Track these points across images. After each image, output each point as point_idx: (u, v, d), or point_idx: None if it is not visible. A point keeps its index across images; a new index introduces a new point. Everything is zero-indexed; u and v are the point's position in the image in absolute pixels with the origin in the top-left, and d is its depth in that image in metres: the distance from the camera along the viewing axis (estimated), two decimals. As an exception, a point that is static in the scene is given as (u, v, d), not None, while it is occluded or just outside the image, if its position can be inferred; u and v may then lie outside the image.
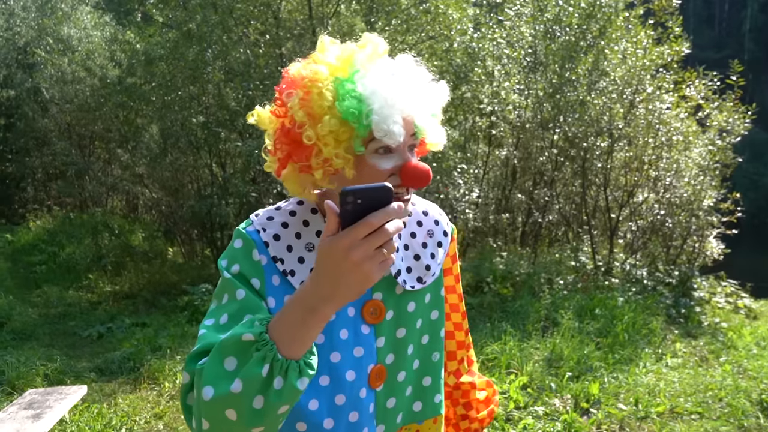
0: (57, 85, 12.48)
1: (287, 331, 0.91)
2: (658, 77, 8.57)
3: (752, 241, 23.77)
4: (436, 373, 1.27)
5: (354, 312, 1.15)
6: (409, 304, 1.21)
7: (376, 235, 0.87)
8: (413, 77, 1.08)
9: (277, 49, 8.95)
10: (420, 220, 1.27)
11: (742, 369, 5.20)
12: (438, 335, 1.27)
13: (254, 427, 0.92)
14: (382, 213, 0.87)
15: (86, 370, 5.26)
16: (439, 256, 1.25)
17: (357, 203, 0.87)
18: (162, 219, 10.90)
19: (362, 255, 0.86)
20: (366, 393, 1.16)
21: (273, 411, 0.91)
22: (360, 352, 1.15)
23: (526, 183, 9.99)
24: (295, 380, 0.90)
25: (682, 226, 8.72)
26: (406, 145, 1.07)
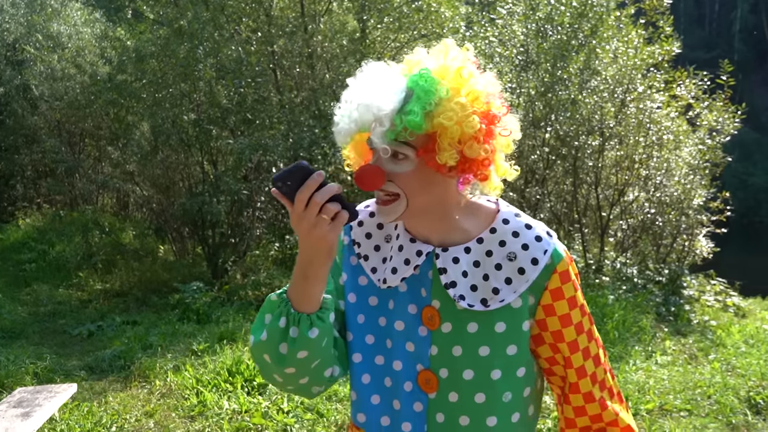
0: (47, 82, 12.38)
1: (296, 291, 1.12)
2: (649, 76, 8.62)
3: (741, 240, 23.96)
4: (506, 415, 1.17)
5: (415, 311, 1.19)
6: (470, 324, 1.15)
7: (310, 206, 1.03)
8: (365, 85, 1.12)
9: (269, 46, 8.93)
10: (504, 240, 1.17)
11: (731, 366, 5.25)
12: (514, 374, 1.16)
13: (284, 367, 1.14)
14: (304, 188, 1.03)
15: (76, 368, 5.23)
16: (517, 283, 1.14)
17: (287, 184, 1.04)
18: (153, 217, 10.84)
19: (307, 225, 1.05)
20: (412, 388, 1.19)
21: (294, 355, 1.12)
22: (411, 348, 1.20)
23: (518, 181, 9.99)
24: (306, 330, 1.11)
25: (672, 225, 8.78)
26: (379, 152, 1.13)
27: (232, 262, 8.58)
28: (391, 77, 1.11)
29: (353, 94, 1.12)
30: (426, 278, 1.18)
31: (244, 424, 4.06)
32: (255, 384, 4.63)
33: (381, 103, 1.08)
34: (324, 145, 8.19)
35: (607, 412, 1.19)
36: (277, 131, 8.28)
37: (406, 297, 1.19)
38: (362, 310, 1.24)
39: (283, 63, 9.35)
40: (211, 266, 8.44)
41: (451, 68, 1.11)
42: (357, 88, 1.12)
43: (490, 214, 1.20)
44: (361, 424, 1.24)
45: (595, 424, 1.20)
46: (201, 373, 4.84)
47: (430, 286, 1.17)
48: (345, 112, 1.13)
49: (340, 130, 1.14)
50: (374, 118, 1.09)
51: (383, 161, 1.12)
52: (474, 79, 1.12)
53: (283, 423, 4.06)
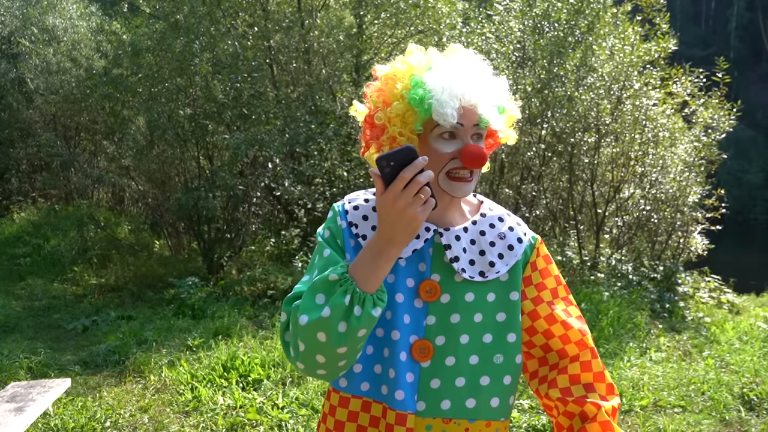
0: (42, 76, 12.33)
1: (362, 270, 1.17)
2: (645, 74, 8.63)
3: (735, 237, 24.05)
4: (498, 376, 1.29)
5: (413, 284, 1.30)
6: (468, 293, 1.29)
7: (411, 185, 1.11)
8: (475, 71, 1.27)
9: (266, 41, 8.90)
10: (493, 223, 1.36)
11: (725, 363, 5.27)
12: (504, 338, 1.30)
13: (339, 347, 1.17)
14: (411, 167, 1.11)
15: (71, 363, 5.22)
16: (508, 257, 1.32)
17: (391, 165, 1.12)
18: (148, 212, 10.82)
19: (404, 203, 1.11)
20: (406, 358, 1.27)
21: (354, 334, 1.16)
22: (407, 320, 1.28)
23: (514, 178, 10.02)
24: (371, 308, 1.16)
25: (667, 222, 8.79)
26: (468, 132, 1.26)
27: (228, 258, 8.57)
28: (486, 67, 1.29)
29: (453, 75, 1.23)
30: (427, 254, 1.31)
31: (239, 420, 4.06)
32: (250, 379, 4.63)
33: (499, 91, 1.28)
34: (320, 141, 8.17)
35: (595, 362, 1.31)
36: (273, 126, 8.26)
37: (405, 271, 1.29)
38: None
39: (279, 58, 9.33)
40: (206, 261, 8.43)
41: None
42: (455, 69, 1.25)
43: (476, 205, 1.41)
44: (364, 392, 1.30)
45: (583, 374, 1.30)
46: (196, 368, 4.84)
47: (430, 261, 1.30)
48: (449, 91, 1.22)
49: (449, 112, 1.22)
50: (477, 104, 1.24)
51: (471, 142, 1.26)
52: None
53: (278, 419, 4.06)
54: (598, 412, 1.23)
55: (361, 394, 1.30)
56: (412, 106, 1.26)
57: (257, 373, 4.67)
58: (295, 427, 3.98)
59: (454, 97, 1.22)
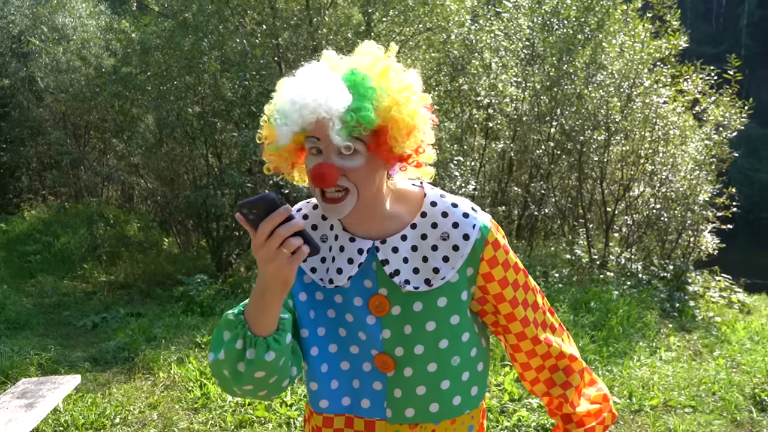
0: (52, 74, 12.38)
1: (251, 314, 1.15)
2: (656, 71, 8.57)
3: (746, 236, 23.88)
4: (457, 376, 1.29)
5: (361, 302, 1.27)
6: (415, 303, 1.24)
7: (272, 239, 1.05)
8: (318, 83, 1.12)
9: (274, 39, 8.89)
10: (435, 221, 1.25)
11: (736, 363, 5.23)
12: (459, 340, 1.27)
13: (243, 385, 1.18)
14: (268, 219, 1.04)
15: (80, 359, 5.25)
16: (454, 259, 1.23)
17: (253, 212, 1.04)
18: (157, 209, 10.85)
19: (265, 256, 1.07)
20: (371, 368, 1.28)
21: (251, 375, 1.16)
22: (363, 337, 1.27)
23: (523, 176, 9.99)
24: (263, 353, 1.14)
25: (677, 221, 8.74)
26: (329, 147, 1.14)
27: (236, 255, 8.58)
28: (330, 77, 1.13)
29: (296, 95, 1.12)
30: (370, 270, 1.26)
31: (248, 417, 4.06)
32: (258, 377, 4.63)
33: (333, 102, 1.10)
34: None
35: (553, 348, 1.33)
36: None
37: (351, 291, 1.27)
38: (312, 306, 1.30)
39: (287, 56, 9.32)
40: (215, 259, 8.44)
41: (378, 66, 1.18)
42: (298, 89, 1.13)
43: (418, 198, 1.29)
44: (323, 409, 1.30)
45: (547, 362, 1.34)
46: (205, 365, 4.85)
47: (375, 276, 1.25)
48: (288, 112, 1.13)
49: (283, 132, 1.15)
50: (325, 117, 1.11)
51: (334, 158, 1.15)
52: (405, 75, 1.19)
53: (286, 416, 4.06)
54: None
55: (320, 411, 1.31)
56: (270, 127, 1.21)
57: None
58: (303, 425, 3.98)
59: (286, 119, 1.13)
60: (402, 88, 1.18)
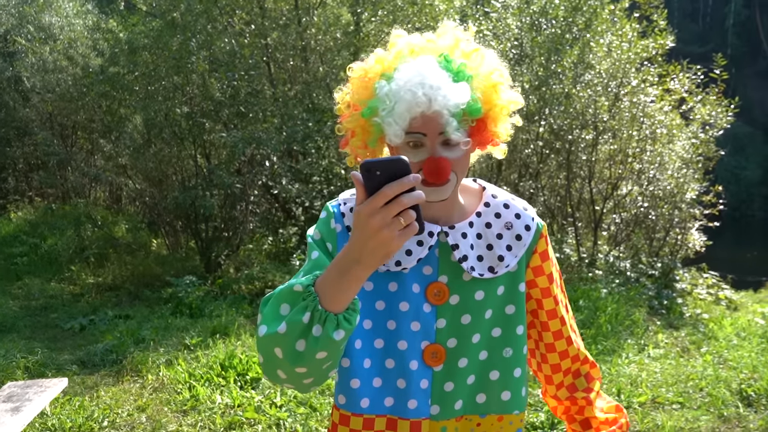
0: (38, 74, 12.28)
1: (327, 287, 1.04)
2: (643, 70, 8.62)
3: (733, 233, 24.09)
4: (508, 369, 1.27)
5: (419, 289, 1.24)
6: (477, 292, 1.24)
7: (393, 204, 0.96)
8: (434, 77, 1.12)
9: (263, 39, 8.88)
10: (499, 212, 1.28)
11: (723, 359, 5.27)
12: (513, 331, 1.26)
13: (296, 366, 1.07)
14: (397, 184, 0.96)
15: (68, 362, 5.21)
16: (516, 248, 1.26)
17: (376, 174, 0.97)
18: (146, 210, 10.79)
19: (379, 222, 0.96)
20: (418, 366, 1.23)
21: (312, 355, 1.05)
22: (416, 327, 1.23)
23: (512, 175, 10.01)
24: (332, 331, 1.04)
25: (665, 219, 8.79)
26: (434, 141, 1.15)
27: (225, 256, 8.55)
28: (435, 69, 1.14)
29: (411, 95, 1.11)
30: (432, 256, 1.24)
31: (237, 419, 4.05)
32: (248, 378, 4.62)
33: (453, 97, 1.11)
34: (318, 139, 8.16)
35: (580, 351, 1.35)
36: (271, 124, 8.25)
37: (410, 277, 1.23)
38: (359, 296, 1.23)
39: (276, 56, 9.30)
40: (204, 260, 8.41)
41: (462, 49, 1.18)
42: (406, 80, 1.13)
43: (478, 192, 1.32)
44: (364, 409, 1.23)
45: (573, 365, 1.34)
46: (193, 367, 4.83)
47: (437, 263, 1.24)
48: (400, 112, 1.12)
49: (396, 131, 1.14)
50: (441, 114, 1.12)
51: (440, 152, 1.16)
52: (490, 56, 1.20)
53: (276, 417, 4.05)
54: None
55: (361, 412, 1.24)
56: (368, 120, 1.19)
57: (255, 372, 4.66)
58: (293, 426, 3.97)
59: (399, 116, 1.13)
60: (491, 71, 1.19)
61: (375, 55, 1.21)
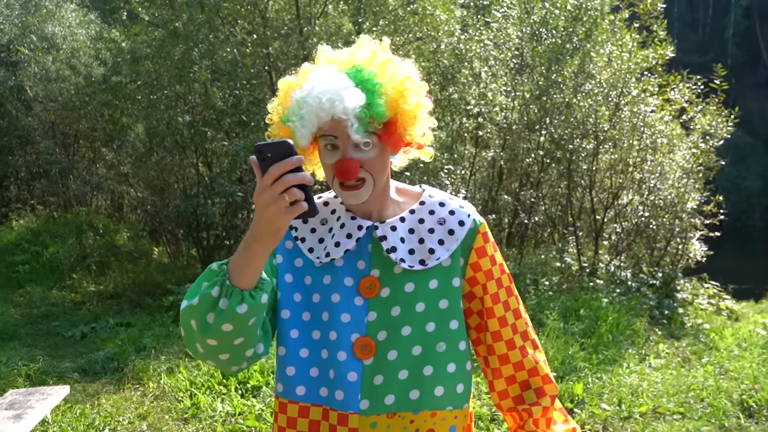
0: (41, 84, 12.33)
1: (235, 264, 1.14)
2: (643, 80, 8.65)
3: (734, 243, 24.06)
4: (441, 364, 1.27)
5: (352, 283, 1.28)
6: (408, 284, 1.27)
7: (278, 183, 1.05)
8: (332, 85, 1.19)
9: (264, 48, 8.91)
10: (433, 209, 1.33)
11: (724, 370, 5.26)
12: (446, 326, 1.28)
13: (207, 337, 1.16)
14: (280, 164, 1.04)
15: (69, 370, 5.21)
16: (449, 243, 1.29)
17: (267, 156, 1.05)
18: (147, 219, 10.82)
19: (266, 199, 1.05)
20: (346, 357, 1.25)
21: (219, 326, 1.14)
22: (347, 318, 1.26)
23: (513, 184, 10.04)
24: (236, 304, 1.13)
25: (665, 228, 8.80)
26: (346, 144, 1.22)
27: (227, 265, 8.56)
28: (341, 77, 1.21)
29: (311, 98, 1.19)
30: (365, 251, 1.29)
31: (238, 427, 4.05)
32: (249, 386, 4.62)
33: (349, 103, 1.17)
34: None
35: (527, 359, 1.32)
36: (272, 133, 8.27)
37: (343, 270, 1.28)
38: (298, 288, 1.31)
39: (278, 65, 9.34)
40: (205, 268, 8.42)
41: (376, 59, 1.26)
42: (312, 92, 1.19)
43: (417, 193, 1.38)
44: (300, 396, 1.28)
45: (518, 373, 1.32)
46: (195, 375, 4.83)
47: (369, 257, 1.29)
48: (305, 115, 1.20)
49: (303, 134, 1.21)
50: (342, 117, 1.18)
51: (351, 153, 1.22)
52: (403, 66, 1.28)
53: (277, 425, 4.05)
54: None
55: (296, 399, 1.29)
56: (284, 125, 1.26)
57: (256, 380, 4.66)
58: None
59: (307, 120, 1.20)
60: (403, 78, 1.25)
61: (301, 69, 1.30)
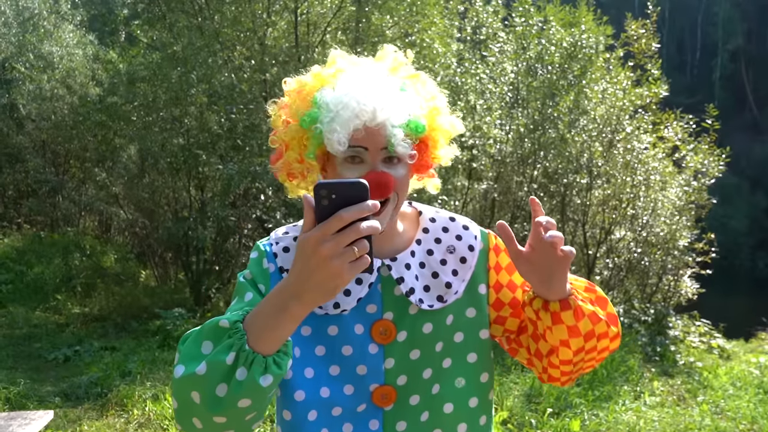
0: (34, 102, 12.29)
1: (258, 324, 0.93)
2: (637, 117, 8.75)
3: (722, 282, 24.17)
4: (462, 401, 1.18)
5: (362, 330, 1.14)
6: (426, 325, 1.16)
7: (348, 231, 0.86)
8: (378, 87, 1.07)
9: (262, 74, 8.95)
10: (438, 237, 1.21)
11: (720, 409, 5.21)
12: (464, 360, 1.18)
13: (215, 414, 0.93)
14: (356, 209, 0.86)
15: (50, 394, 5.06)
16: (463, 272, 1.19)
17: (332, 198, 0.87)
18: (136, 241, 10.69)
19: (331, 250, 0.85)
20: (366, 408, 1.14)
21: (233, 402, 0.92)
22: (363, 370, 1.14)
23: (506, 217, 10.03)
24: (258, 375, 0.91)
25: (657, 265, 8.81)
26: (376, 156, 1.08)
27: (216, 290, 8.44)
28: (387, 80, 1.10)
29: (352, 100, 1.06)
30: (375, 293, 1.15)
31: (225, 458, 3.91)
32: (237, 415, 4.49)
33: (397, 110, 1.06)
34: (314, 174, 8.16)
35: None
36: (267, 159, 8.25)
37: (352, 318, 1.14)
38: (297, 342, 1.13)
39: (275, 91, 9.37)
40: (193, 293, 8.29)
41: (403, 72, 1.15)
42: (350, 89, 1.07)
43: (414, 216, 1.24)
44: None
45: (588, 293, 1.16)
46: (181, 402, 4.69)
47: (380, 300, 1.14)
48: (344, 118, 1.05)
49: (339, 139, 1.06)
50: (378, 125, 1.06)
51: (381, 167, 1.08)
52: (430, 84, 1.18)
53: (266, 457, 3.93)
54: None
55: None
56: (306, 130, 1.11)
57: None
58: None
59: (344, 123, 1.05)
60: (432, 96, 1.16)
61: (312, 71, 1.16)
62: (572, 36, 8.76)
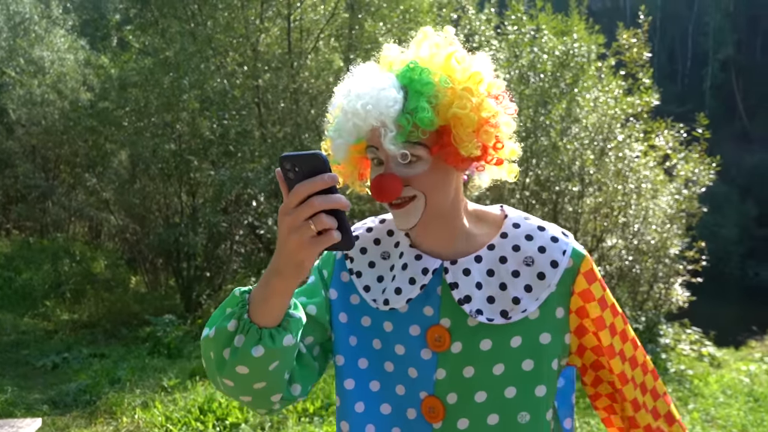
0: (25, 107, 12.23)
1: (256, 297, 0.96)
2: (628, 126, 8.79)
3: (712, 290, 24.29)
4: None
5: (418, 332, 1.08)
6: (484, 341, 1.05)
7: (303, 206, 0.85)
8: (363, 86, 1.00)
9: (255, 80, 8.94)
10: (518, 244, 1.08)
11: (710, 417, 5.21)
12: (531, 392, 1.05)
13: (224, 376, 0.99)
14: (309, 182, 0.84)
15: (38, 401, 5.00)
16: (538, 290, 1.05)
17: (296, 171, 0.86)
18: (126, 247, 10.63)
19: (289, 224, 0.86)
20: (416, 416, 1.08)
21: (233, 367, 0.97)
22: (414, 374, 1.08)
23: (497, 224, 10.05)
24: (250, 345, 0.94)
25: (648, 273, 8.83)
26: (389, 158, 1.02)
27: (207, 296, 8.40)
28: (381, 77, 1.01)
29: (345, 103, 1.01)
30: (434, 295, 1.07)
31: (215, 466, 3.88)
32: (227, 423, 4.46)
33: (381, 107, 0.97)
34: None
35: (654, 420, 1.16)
36: (259, 165, 8.23)
37: (407, 318, 1.08)
38: (354, 331, 1.11)
39: (267, 98, 9.36)
40: (184, 299, 8.25)
41: (439, 55, 1.03)
42: (348, 95, 1.01)
43: (498, 219, 1.13)
44: None
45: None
46: (171, 410, 4.66)
47: (438, 303, 1.07)
48: (340, 124, 1.02)
49: (338, 145, 1.04)
50: (376, 125, 0.98)
51: (394, 168, 1.02)
52: (468, 62, 1.04)
53: (256, 465, 3.89)
54: None
55: None
56: None
57: (235, 417, 4.51)
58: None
59: (345, 131, 1.02)
60: (466, 78, 1.02)
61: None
62: (564, 44, 8.81)
